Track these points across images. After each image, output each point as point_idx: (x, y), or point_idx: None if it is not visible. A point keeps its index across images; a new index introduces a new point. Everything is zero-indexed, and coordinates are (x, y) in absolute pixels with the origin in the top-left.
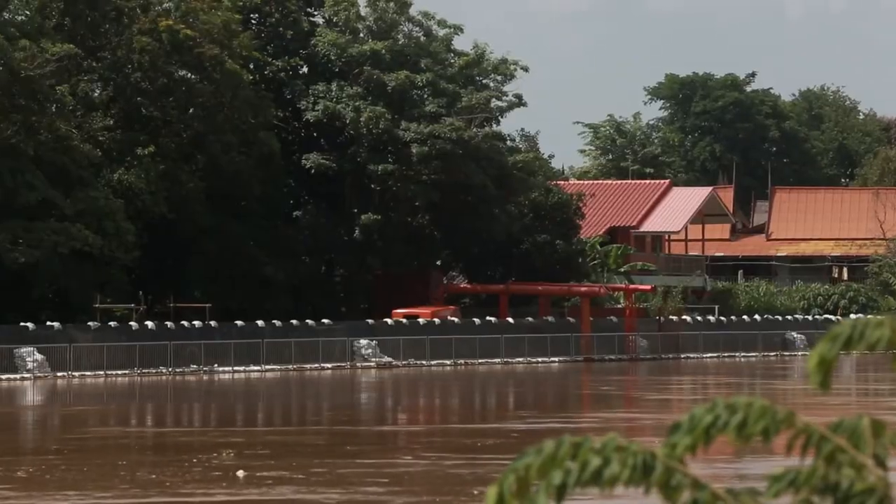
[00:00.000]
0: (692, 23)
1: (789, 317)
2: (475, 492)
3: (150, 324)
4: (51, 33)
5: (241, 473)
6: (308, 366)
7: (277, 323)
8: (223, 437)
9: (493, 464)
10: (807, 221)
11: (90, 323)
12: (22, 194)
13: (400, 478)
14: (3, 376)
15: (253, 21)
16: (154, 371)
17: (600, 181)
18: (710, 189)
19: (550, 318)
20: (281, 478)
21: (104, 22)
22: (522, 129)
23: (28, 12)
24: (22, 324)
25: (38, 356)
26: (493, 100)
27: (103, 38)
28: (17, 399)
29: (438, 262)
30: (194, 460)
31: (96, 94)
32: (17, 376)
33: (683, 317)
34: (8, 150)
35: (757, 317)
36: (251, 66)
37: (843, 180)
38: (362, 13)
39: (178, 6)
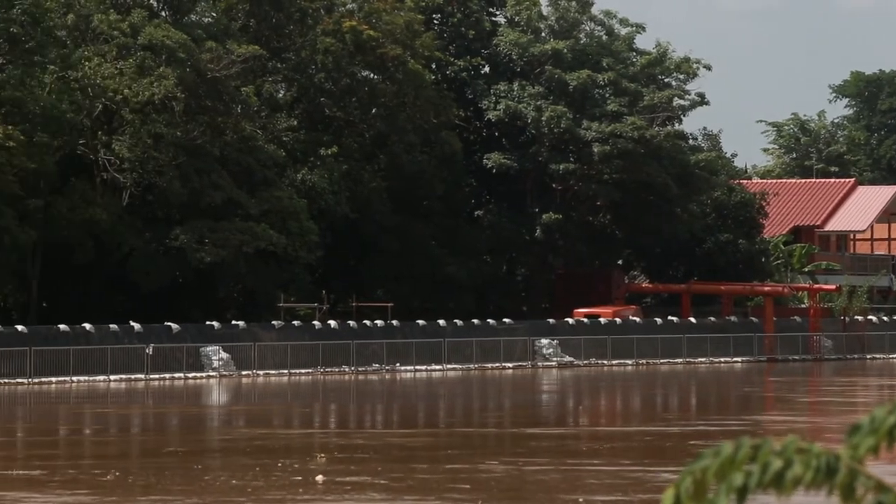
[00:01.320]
0: (879, 20)
1: None
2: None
3: (332, 323)
4: (236, 35)
5: (319, 478)
6: (489, 365)
7: (459, 322)
8: (346, 439)
9: (590, 470)
10: None
11: (274, 322)
12: (208, 194)
13: (483, 484)
14: (190, 375)
15: (435, 21)
16: (337, 370)
17: (784, 180)
18: None
19: (733, 318)
20: (361, 483)
21: (288, 23)
22: (705, 128)
23: (214, 14)
24: (207, 323)
25: (224, 355)
26: (676, 98)
27: (287, 39)
28: (199, 398)
29: (620, 262)
30: (282, 464)
31: (280, 95)
32: (203, 375)
33: (869, 317)
34: (194, 150)
35: None
36: (433, 66)
37: None
38: (544, 12)
39: (361, 7)
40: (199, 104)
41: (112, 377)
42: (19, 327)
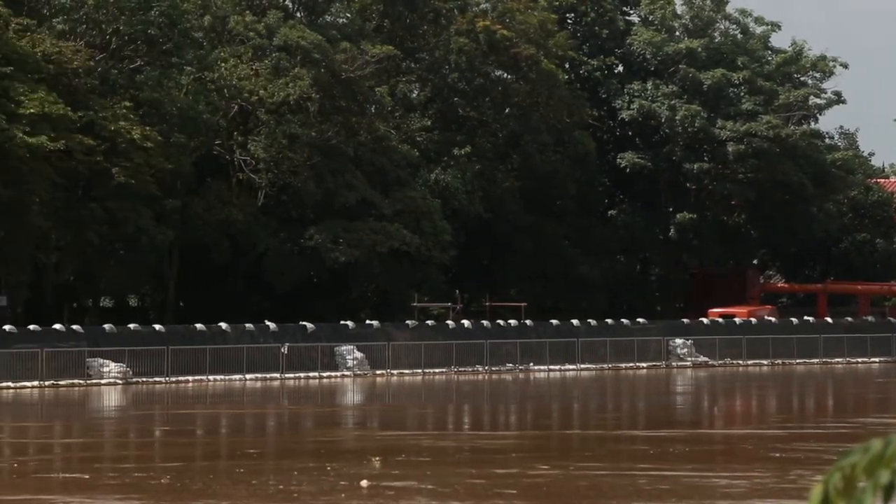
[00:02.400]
0: None
1: None
2: None
3: (466, 322)
4: (371, 35)
5: (364, 483)
6: (623, 365)
7: (592, 322)
8: (429, 441)
9: (650, 475)
10: None
11: (408, 321)
12: (342, 194)
13: (531, 489)
14: (324, 374)
15: (569, 20)
16: (470, 369)
17: None
18: None
19: (870, 318)
20: (406, 489)
21: (422, 23)
22: (841, 127)
23: (349, 15)
24: (342, 322)
25: (358, 354)
26: (811, 97)
27: (421, 39)
28: (322, 398)
29: (755, 261)
30: (332, 468)
31: (414, 95)
32: (338, 374)
33: None
34: (329, 150)
35: None
36: (567, 66)
37: None
38: (678, 11)
39: (494, 7)
40: (333, 104)
41: (248, 376)
42: (157, 327)
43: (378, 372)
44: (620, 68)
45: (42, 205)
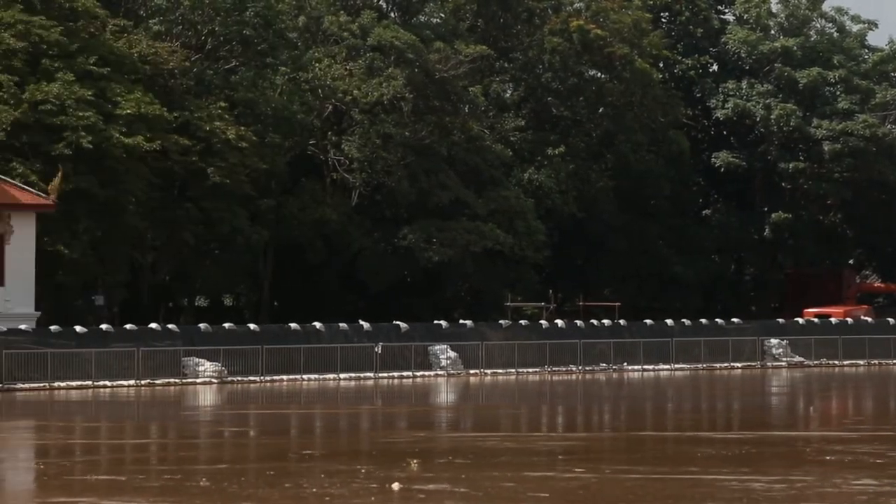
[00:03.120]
0: None
1: None
2: None
3: (559, 322)
4: (464, 35)
5: (395, 486)
6: (717, 365)
7: (686, 322)
8: (480, 442)
9: (689, 479)
10: None
11: (501, 321)
12: (435, 194)
13: (565, 492)
14: (418, 373)
15: (663, 19)
16: (564, 369)
17: None
18: None
19: None
20: (437, 491)
21: (516, 23)
22: None
23: (442, 15)
24: (436, 322)
25: (452, 354)
26: None
27: (515, 38)
28: (407, 398)
29: (851, 261)
30: (364, 470)
31: (508, 95)
32: (431, 374)
33: None
34: (422, 150)
35: None
36: (661, 65)
37: None
38: (773, 10)
39: (588, 6)
40: (427, 104)
41: (342, 375)
42: (252, 326)
43: (471, 371)
44: (715, 67)
45: (138, 205)
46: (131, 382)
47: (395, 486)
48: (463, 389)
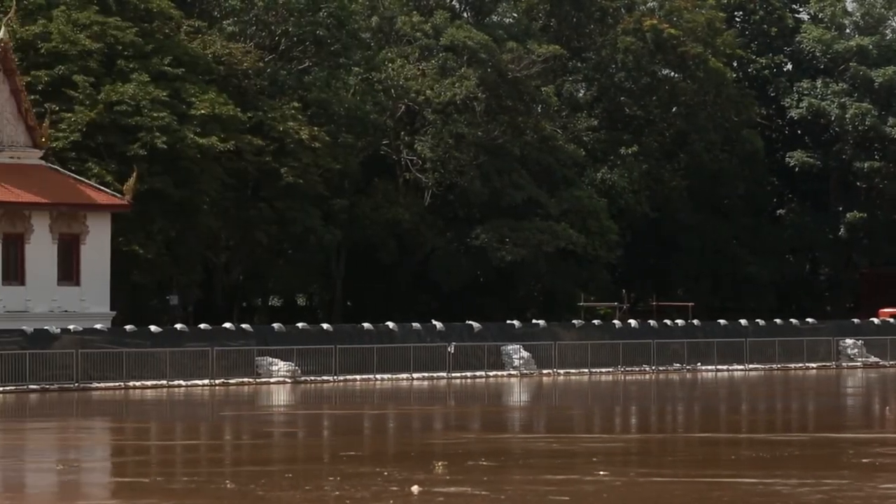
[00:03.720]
0: None
1: None
2: None
3: (633, 322)
4: (537, 35)
5: (415, 489)
6: (792, 365)
7: (761, 322)
8: (526, 443)
9: (715, 482)
10: None
11: (574, 321)
12: (508, 194)
13: (586, 496)
14: (491, 373)
15: (737, 18)
16: (637, 369)
17: None
18: None
19: None
20: (458, 494)
21: (589, 22)
22: None
23: (515, 15)
24: (508, 322)
25: (524, 353)
26: None
27: (588, 38)
28: (474, 398)
29: None
30: (386, 472)
31: (580, 95)
32: (504, 373)
33: None
34: (495, 150)
35: None
36: (734, 64)
37: None
38: (849, 8)
39: (661, 5)
40: (499, 104)
41: (414, 375)
42: (325, 326)
43: (544, 372)
44: (789, 66)
45: (212, 205)
46: (205, 382)
47: (415, 489)
48: (534, 390)
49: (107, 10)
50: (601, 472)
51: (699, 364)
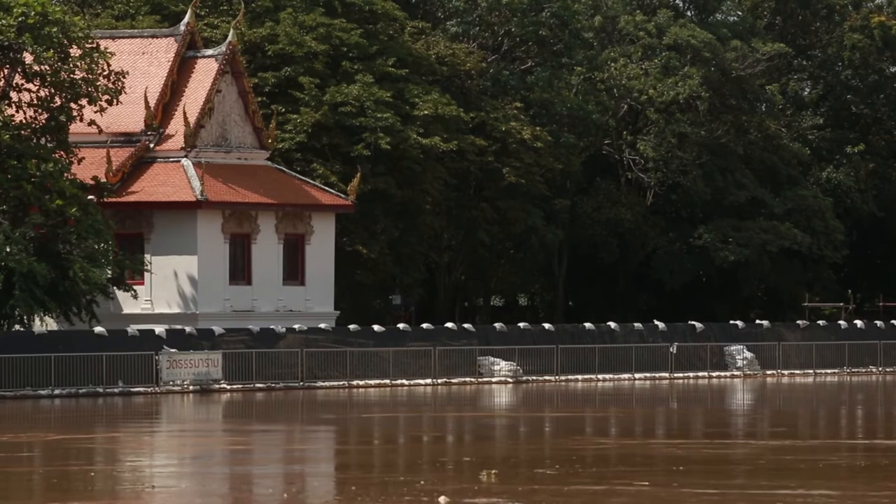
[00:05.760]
0: None
1: None
2: None
3: (858, 322)
4: (761, 33)
5: (443, 500)
6: None
7: None
8: (633, 448)
9: (747, 493)
10: None
11: (798, 321)
12: (731, 193)
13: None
14: (714, 374)
15: None
16: (863, 370)
17: None
18: None
19: None
20: None
21: (815, 20)
22: None
23: (740, 13)
24: (731, 322)
25: (748, 354)
26: None
27: (814, 36)
28: (721, 398)
29: None
30: (423, 482)
31: (806, 93)
32: (727, 374)
33: None
34: (718, 149)
35: None
36: None
37: None
38: None
39: (890, 2)
40: (723, 103)
41: (636, 375)
42: (546, 325)
43: (768, 372)
44: None
45: (435, 205)
46: (427, 381)
47: (443, 499)
48: (755, 390)
49: (332, 12)
50: (643, 483)
51: None
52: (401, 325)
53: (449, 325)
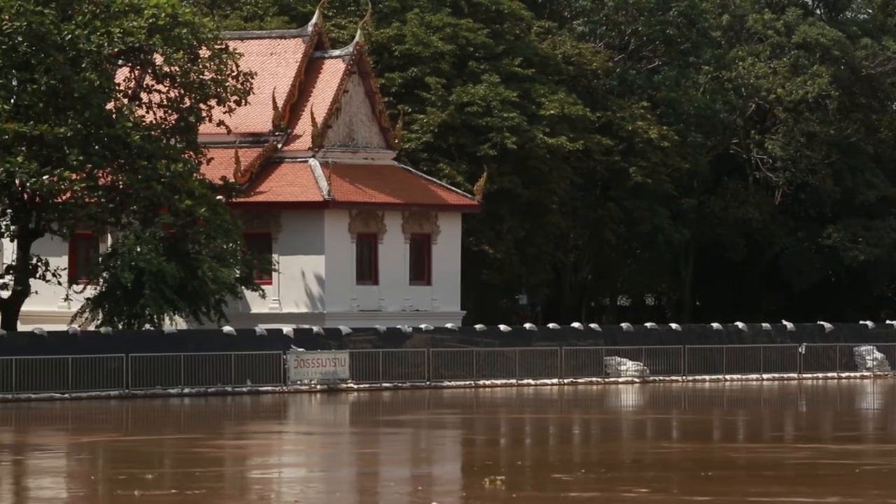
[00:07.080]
0: None
1: None
2: None
3: None
4: (893, 31)
5: None
6: None
7: None
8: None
9: (761, 501)
10: None
11: None
12: (861, 192)
13: None
14: (843, 374)
15: None
16: None
17: None
18: None
19: None
20: None
21: None
22: None
23: (870, 11)
24: (861, 322)
25: (878, 355)
26: None
27: None
28: (851, 398)
29: None
30: (421, 487)
31: None
32: (857, 375)
33: None
34: (848, 148)
35: None
36: None
37: None
38: None
39: None
40: (852, 102)
41: (764, 376)
42: (673, 325)
43: None
44: None
45: (561, 205)
46: (554, 381)
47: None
48: (885, 392)
49: (459, 11)
50: (642, 489)
51: None
52: (527, 325)
53: (575, 324)
